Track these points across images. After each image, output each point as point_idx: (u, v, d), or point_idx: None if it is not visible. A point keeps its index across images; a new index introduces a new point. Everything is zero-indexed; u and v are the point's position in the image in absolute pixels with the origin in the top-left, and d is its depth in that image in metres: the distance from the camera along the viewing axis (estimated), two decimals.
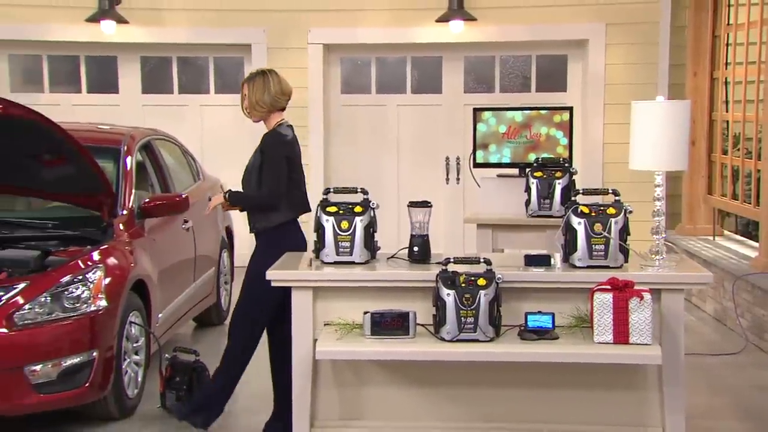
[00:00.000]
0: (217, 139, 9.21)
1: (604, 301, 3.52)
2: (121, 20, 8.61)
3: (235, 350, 4.46)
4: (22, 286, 4.35)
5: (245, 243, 8.82)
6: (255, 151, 4.51)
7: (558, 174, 5.40)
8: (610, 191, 3.99)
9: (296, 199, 4.45)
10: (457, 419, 3.87)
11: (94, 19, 8.56)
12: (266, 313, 4.41)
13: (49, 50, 9.07)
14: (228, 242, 7.26)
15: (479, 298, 3.54)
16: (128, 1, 8.68)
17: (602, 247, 3.76)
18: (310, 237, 4.16)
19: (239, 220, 8.12)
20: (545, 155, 5.80)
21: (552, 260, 3.89)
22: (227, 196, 4.48)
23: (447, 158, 9.34)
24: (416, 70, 9.46)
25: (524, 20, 8.76)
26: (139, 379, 4.95)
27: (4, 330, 4.21)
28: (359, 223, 3.91)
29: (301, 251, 4.39)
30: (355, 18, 8.91)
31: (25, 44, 8.97)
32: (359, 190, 4.11)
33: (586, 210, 3.81)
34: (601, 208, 3.83)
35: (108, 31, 8.66)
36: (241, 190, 4.51)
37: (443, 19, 8.68)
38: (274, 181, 4.37)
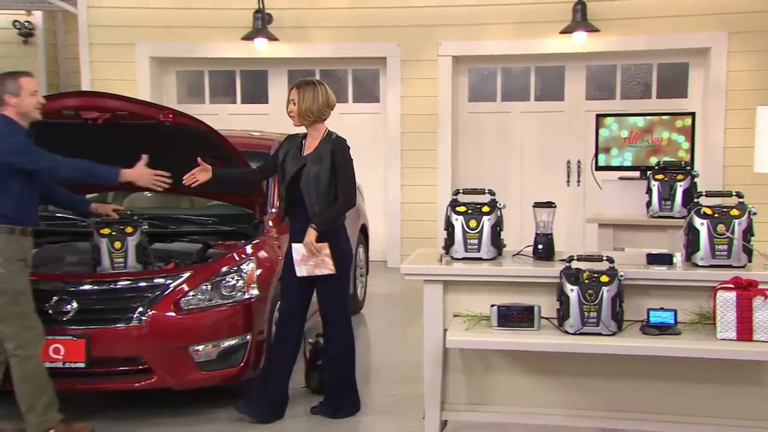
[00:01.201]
0: (354, 144, 9.28)
1: (727, 299, 3.37)
2: (271, 38, 8.89)
3: (344, 339, 4.54)
4: (186, 275, 4.51)
5: (379, 240, 8.97)
6: (314, 157, 4.40)
7: (679, 176, 5.20)
8: (734, 193, 3.81)
9: None
10: (578, 407, 3.79)
11: (248, 37, 8.87)
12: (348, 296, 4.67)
13: (210, 66, 9.48)
14: (363, 238, 7.35)
15: (602, 294, 3.45)
16: (279, 20, 8.95)
17: (725, 247, 3.60)
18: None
19: (374, 219, 8.24)
20: (666, 159, 5.59)
21: (674, 259, 3.75)
22: (315, 227, 4.31)
23: (568, 162, 9.16)
24: (539, 79, 9.32)
25: (646, 31, 8.51)
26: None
27: (173, 313, 4.39)
28: (487, 222, 3.88)
29: (350, 243, 4.59)
30: (483, 31, 8.87)
31: (191, 61, 9.40)
32: (487, 191, 4.08)
33: (708, 211, 3.65)
34: (724, 209, 3.67)
35: (260, 47, 8.96)
36: (315, 207, 4.35)
37: (567, 30, 8.52)
38: (351, 185, 4.42)
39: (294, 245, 4.38)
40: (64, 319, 4.31)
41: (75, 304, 4.35)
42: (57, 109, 4.59)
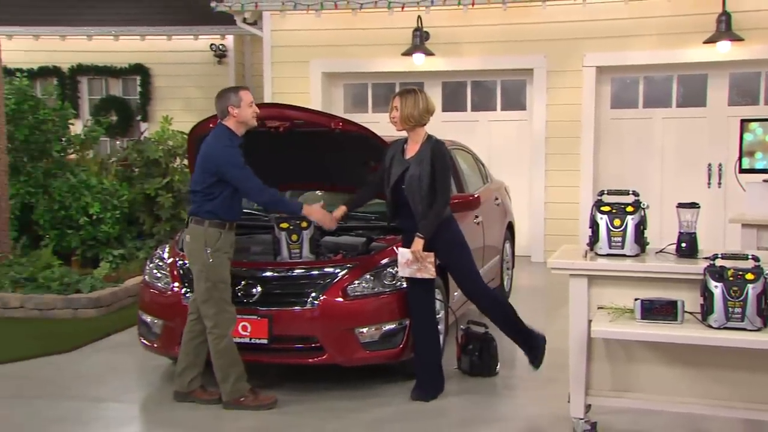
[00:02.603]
0: (502, 148, 9.29)
1: None
2: (428, 53, 8.96)
3: (491, 299, 4.61)
4: (352, 265, 4.63)
5: (524, 236, 8.84)
6: (416, 160, 4.36)
7: None
8: None
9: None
10: (718, 398, 3.58)
11: (408, 53, 8.99)
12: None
13: (372, 79, 9.68)
14: (510, 235, 7.27)
15: (747, 291, 3.24)
16: (434, 37, 9.02)
17: None
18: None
19: (520, 217, 8.13)
20: None
21: None
22: (421, 236, 4.31)
23: (709, 165, 8.67)
24: (681, 87, 8.87)
25: None
26: (440, 345, 5.09)
27: (341, 299, 4.52)
28: (630, 220, 3.75)
29: (456, 227, 4.50)
30: (626, 43, 8.55)
31: (356, 75, 9.65)
32: (631, 192, 3.94)
33: None
34: None
35: (418, 62, 9.06)
36: (421, 215, 4.34)
37: (711, 40, 8.06)
38: (448, 188, 4.39)
39: (401, 250, 4.42)
40: (251, 300, 4.52)
41: (259, 288, 4.55)
42: None
